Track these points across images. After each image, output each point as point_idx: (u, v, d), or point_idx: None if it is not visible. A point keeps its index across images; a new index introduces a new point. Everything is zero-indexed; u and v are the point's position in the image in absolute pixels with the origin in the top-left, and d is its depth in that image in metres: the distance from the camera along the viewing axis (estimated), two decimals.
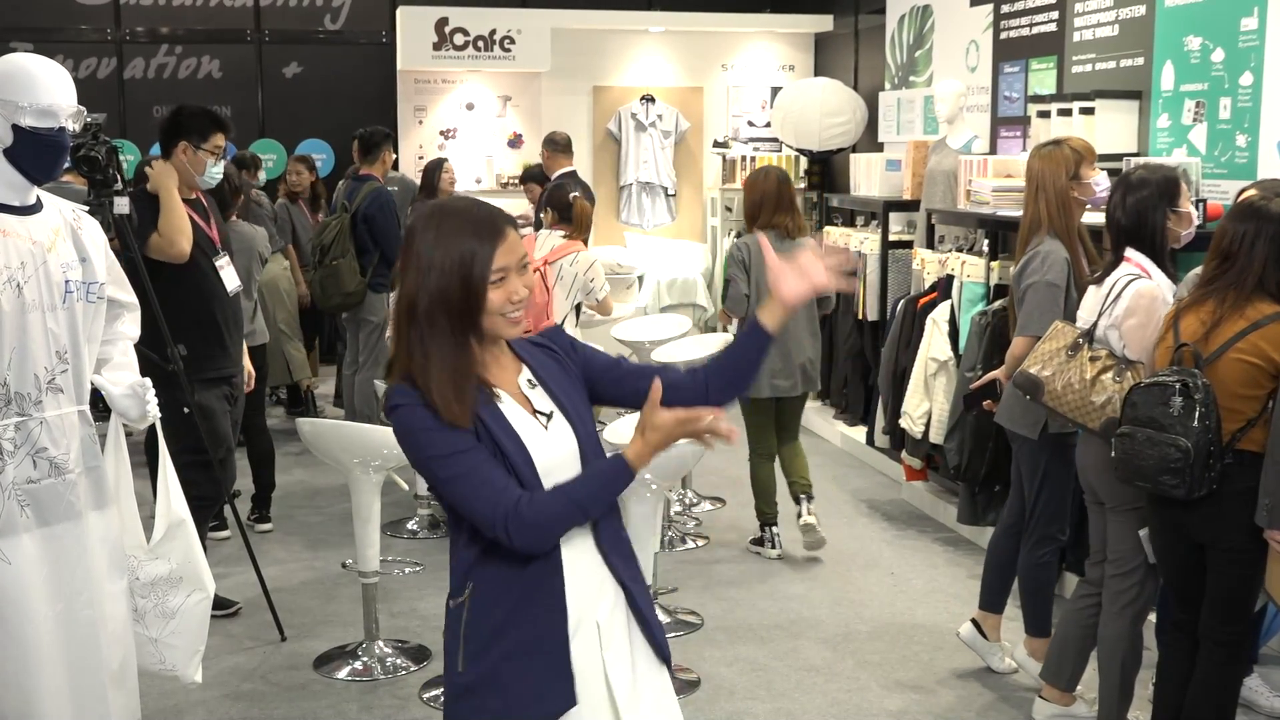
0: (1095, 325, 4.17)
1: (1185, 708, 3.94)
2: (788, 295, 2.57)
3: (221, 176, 5.56)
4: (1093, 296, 4.25)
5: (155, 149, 10.22)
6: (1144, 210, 4.12)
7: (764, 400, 6.25)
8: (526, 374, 2.58)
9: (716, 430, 2.42)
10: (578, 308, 6.54)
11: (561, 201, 6.61)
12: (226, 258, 5.48)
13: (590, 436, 2.57)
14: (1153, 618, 4.93)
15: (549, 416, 2.54)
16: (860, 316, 8.24)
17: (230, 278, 5.45)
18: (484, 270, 2.42)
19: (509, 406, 2.51)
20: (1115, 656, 4.25)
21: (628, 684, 2.54)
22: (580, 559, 2.52)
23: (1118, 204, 4.17)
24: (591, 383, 2.65)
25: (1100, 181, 4.62)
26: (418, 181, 9.50)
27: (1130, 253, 4.13)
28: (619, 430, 5.19)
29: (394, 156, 8.85)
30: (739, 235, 6.37)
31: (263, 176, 9.79)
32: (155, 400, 3.70)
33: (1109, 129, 6.39)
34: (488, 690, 2.48)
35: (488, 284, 2.43)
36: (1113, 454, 3.91)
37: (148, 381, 3.71)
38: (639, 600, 2.60)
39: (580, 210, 6.55)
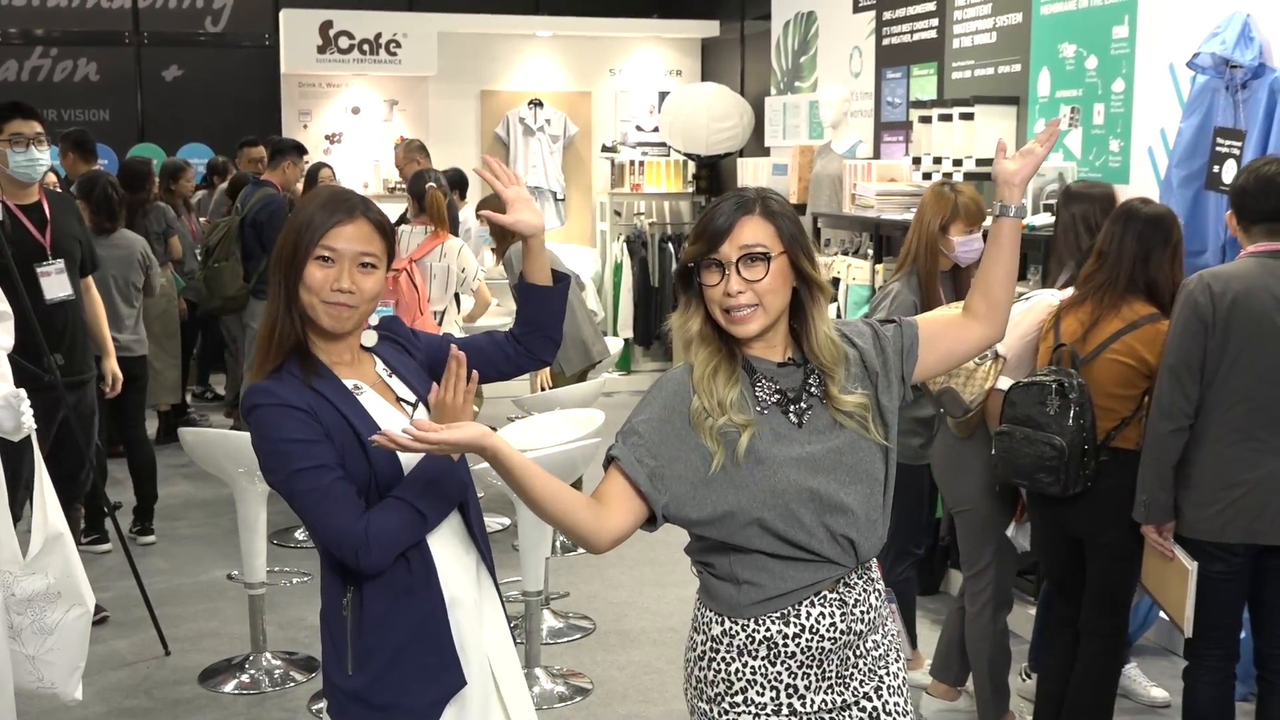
0: None
1: (1067, 698, 4.03)
2: (528, 227, 2.67)
3: (43, 165, 5.23)
4: None
5: None
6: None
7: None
8: (380, 364, 2.58)
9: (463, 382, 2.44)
10: (456, 299, 6.58)
11: (418, 190, 6.63)
12: (58, 264, 5.22)
13: None
14: (1034, 612, 5.05)
15: (414, 406, 2.54)
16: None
17: (54, 286, 5.18)
18: (311, 237, 2.41)
19: (371, 399, 2.50)
20: (982, 654, 4.34)
21: (508, 663, 2.62)
22: (449, 541, 2.53)
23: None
24: (432, 366, 2.65)
25: (967, 244, 4.47)
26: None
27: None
28: (512, 434, 5.19)
29: (299, 169, 8.55)
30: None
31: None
32: (30, 411, 3.61)
33: (988, 134, 6.52)
34: (378, 688, 2.47)
35: (310, 253, 2.41)
36: (993, 452, 4.00)
37: (22, 392, 3.62)
38: (495, 577, 2.66)
39: (431, 199, 6.52)
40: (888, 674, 2.50)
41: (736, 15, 10.78)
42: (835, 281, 6.69)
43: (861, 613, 2.44)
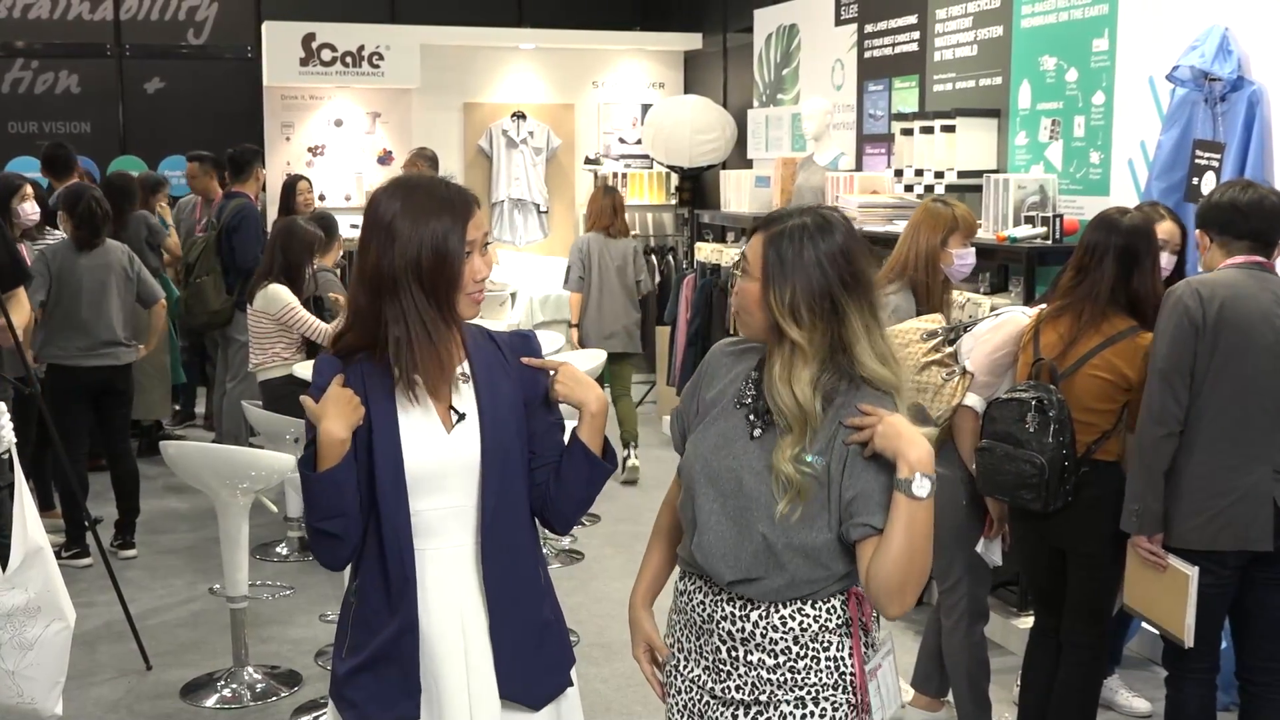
0: (962, 327, 4.24)
1: (1049, 708, 4.04)
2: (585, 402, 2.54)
3: None
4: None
5: (11, 165, 9.92)
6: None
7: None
8: (464, 366, 2.49)
9: None
10: None
11: None
12: None
13: (503, 446, 2.45)
14: (1021, 624, 5.06)
15: (461, 417, 2.45)
16: (731, 330, 8.32)
17: None
18: (459, 245, 2.38)
19: (411, 399, 2.43)
20: (960, 667, 4.34)
21: (492, 713, 2.48)
22: (448, 572, 2.46)
23: None
24: (526, 400, 2.53)
25: (964, 257, 4.52)
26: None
27: None
28: None
29: (264, 173, 8.64)
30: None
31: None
32: (10, 425, 3.60)
33: (969, 146, 6.55)
34: (353, 684, 2.48)
35: (464, 258, 2.39)
36: (973, 467, 4.00)
37: (1, 406, 3.60)
38: (501, 633, 2.49)
39: None
40: (772, 705, 2.41)
41: (719, 28, 10.81)
42: None
43: (733, 616, 2.43)
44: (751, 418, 2.44)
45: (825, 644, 2.42)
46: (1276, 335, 3.57)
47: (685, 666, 2.55)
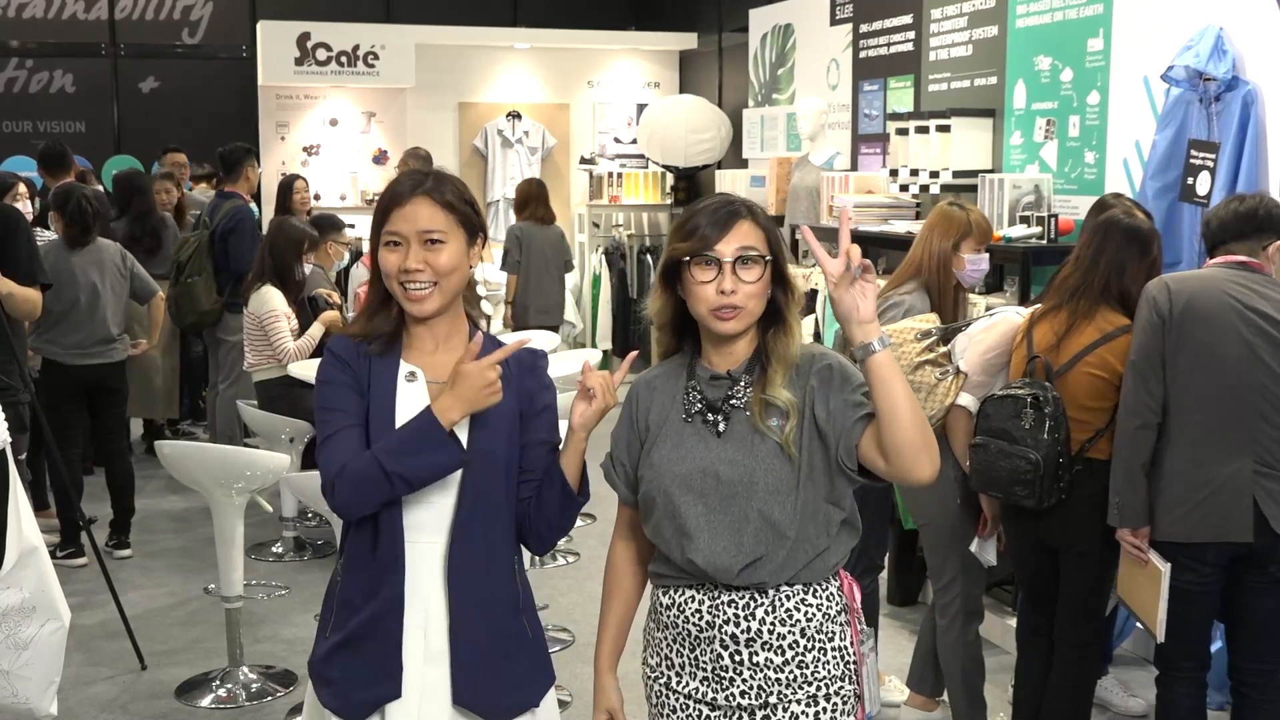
0: (955, 328, 4.24)
1: (1043, 708, 4.04)
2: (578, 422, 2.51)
3: None
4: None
5: (5, 165, 9.90)
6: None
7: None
8: None
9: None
10: None
11: None
12: None
13: (488, 452, 2.46)
14: (1012, 622, 5.06)
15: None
16: None
17: None
18: (380, 223, 2.46)
19: (413, 391, 2.47)
20: (955, 666, 4.33)
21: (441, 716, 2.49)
22: (420, 570, 2.47)
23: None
24: (521, 412, 2.52)
25: (976, 263, 4.44)
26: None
27: None
28: None
29: (258, 172, 8.62)
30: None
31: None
32: (5, 425, 3.60)
33: (965, 146, 6.55)
34: (333, 661, 2.51)
35: (379, 240, 2.45)
36: (968, 464, 4.00)
37: None
38: (460, 639, 2.48)
39: None
40: (781, 707, 2.43)
41: (714, 28, 10.81)
42: (813, 293, 6.70)
43: (737, 617, 2.44)
44: (710, 417, 2.46)
45: (830, 634, 2.46)
46: (1250, 328, 3.58)
47: (679, 681, 2.52)
